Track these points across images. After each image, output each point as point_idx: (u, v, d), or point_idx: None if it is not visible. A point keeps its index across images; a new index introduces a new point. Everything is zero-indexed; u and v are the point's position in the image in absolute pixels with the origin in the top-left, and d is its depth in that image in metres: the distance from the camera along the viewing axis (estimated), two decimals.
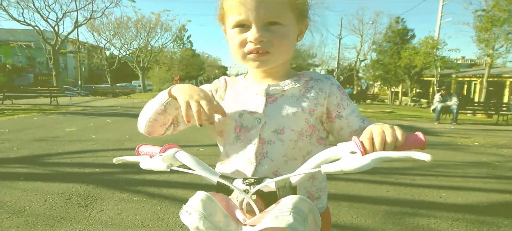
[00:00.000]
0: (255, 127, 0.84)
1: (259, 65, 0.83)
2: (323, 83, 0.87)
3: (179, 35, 45.28)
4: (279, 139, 0.83)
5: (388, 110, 15.90)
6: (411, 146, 0.66)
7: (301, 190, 0.86)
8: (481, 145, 6.52)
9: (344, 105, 0.87)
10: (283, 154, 0.83)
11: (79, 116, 9.29)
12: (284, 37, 0.80)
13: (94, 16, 23.28)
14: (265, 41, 0.78)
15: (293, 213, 0.59)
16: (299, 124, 0.84)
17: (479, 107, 12.77)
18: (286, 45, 0.82)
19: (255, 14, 0.77)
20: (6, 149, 4.62)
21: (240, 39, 0.80)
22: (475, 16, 16.78)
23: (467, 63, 33.82)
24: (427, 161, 0.56)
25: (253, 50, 0.80)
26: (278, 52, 0.81)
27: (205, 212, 0.63)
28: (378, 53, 28.15)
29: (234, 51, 0.83)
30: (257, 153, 0.83)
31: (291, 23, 0.82)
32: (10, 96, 12.82)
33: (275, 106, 0.84)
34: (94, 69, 42.45)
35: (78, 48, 29.70)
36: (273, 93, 0.86)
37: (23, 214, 2.54)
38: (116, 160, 0.84)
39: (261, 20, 0.77)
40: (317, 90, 0.86)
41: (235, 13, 0.79)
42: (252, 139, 0.84)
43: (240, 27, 0.80)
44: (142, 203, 2.82)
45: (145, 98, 20.38)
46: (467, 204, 3.07)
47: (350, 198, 3.12)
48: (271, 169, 0.83)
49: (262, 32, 0.77)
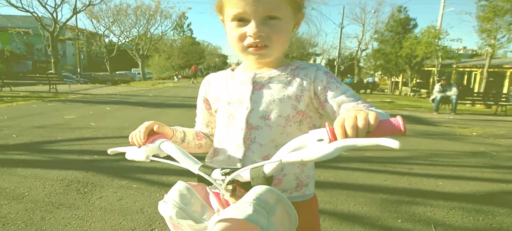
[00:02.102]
0: (242, 113, 0.87)
1: (258, 58, 0.85)
2: (309, 70, 0.89)
3: (179, 22, 44.91)
4: (267, 124, 0.86)
5: (387, 100, 15.90)
6: (386, 132, 0.60)
7: (291, 177, 0.87)
8: (479, 135, 6.53)
9: (331, 88, 0.85)
10: (272, 139, 0.85)
11: (78, 104, 9.28)
12: (282, 31, 0.82)
13: (93, 2, 23.03)
14: (264, 36, 0.80)
15: (255, 203, 0.58)
16: (286, 110, 0.86)
17: (478, 98, 12.76)
18: (284, 39, 0.84)
19: (254, 8, 0.78)
20: (5, 136, 4.63)
21: (239, 32, 0.82)
22: (478, 6, 16.65)
23: (468, 53, 33.66)
24: (395, 148, 0.52)
25: (252, 44, 0.81)
26: (276, 46, 0.83)
27: (181, 202, 0.65)
28: (380, 42, 27.96)
29: (233, 44, 0.85)
30: (245, 138, 0.86)
31: (289, 16, 0.83)
32: (9, 83, 12.78)
33: (261, 93, 0.87)
34: (93, 56, 42.19)
35: (76, 35, 29.46)
36: (259, 81, 0.89)
37: (22, 200, 2.56)
38: (110, 151, 0.88)
39: (260, 15, 0.78)
40: (302, 76, 0.88)
41: (234, 6, 0.80)
42: (240, 125, 0.87)
43: (239, 20, 0.81)
44: (141, 190, 2.84)
45: (144, 86, 20.36)
46: (464, 193, 3.10)
47: (347, 186, 3.14)
48: (261, 154, 0.85)
49: (261, 27, 0.79)
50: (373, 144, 0.54)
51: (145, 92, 14.92)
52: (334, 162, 3.81)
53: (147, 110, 8.33)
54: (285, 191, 0.87)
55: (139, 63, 35.09)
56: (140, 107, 8.86)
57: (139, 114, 7.59)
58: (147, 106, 9.25)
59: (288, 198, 0.66)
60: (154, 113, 7.95)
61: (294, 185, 0.88)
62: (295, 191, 0.89)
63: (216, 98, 0.95)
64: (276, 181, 0.86)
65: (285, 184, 0.87)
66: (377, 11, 33.03)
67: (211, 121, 1.02)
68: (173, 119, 6.83)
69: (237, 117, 0.88)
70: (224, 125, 0.91)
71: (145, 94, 13.87)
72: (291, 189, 0.88)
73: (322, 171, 3.49)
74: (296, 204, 0.69)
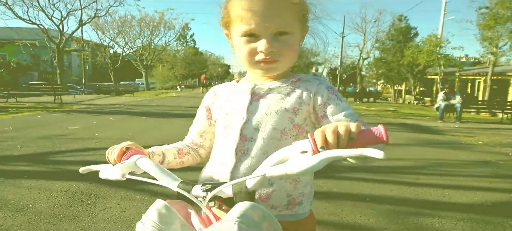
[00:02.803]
0: (238, 123, 0.86)
1: (267, 72, 0.86)
2: (310, 84, 0.88)
3: (183, 33, 45.28)
4: (261, 136, 0.84)
5: (391, 109, 15.84)
6: (369, 141, 0.58)
7: (282, 193, 0.83)
8: (485, 143, 6.47)
9: (331, 104, 0.84)
10: (264, 151, 0.82)
11: (82, 114, 9.32)
12: (292, 46, 0.82)
13: (98, 14, 23.29)
14: (275, 51, 0.80)
15: (239, 221, 0.55)
16: (282, 123, 0.84)
17: (483, 106, 12.67)
18: (294, 53, 0.85)
19: (264, 25, 0.78)
20: (10, 147, 4.64)
21: (249, 48, 0.81)
22: (479, 14, 16.62)
23: (470, 61, 33.57)
24: (380, 158, 0.50)
25: (263, 59, 0.81)
26: (286, 60, 0.84)
27: (160, 222, 0.61)
28: (381, 51, 27.98)
29: (243, 59, 0.84)
30: (237, 149, 0.84)
31: (297, 30, 0.83)
32: (15, 94, 12.89)
33: (258, 104, 0.87)
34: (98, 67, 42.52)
35: (82, 46, 29.77)
36: (258, 92, 0.88)
37: (26, 212, 2.55)
38: (82, 170, 0.83)
39: (270, 31, 0.79)
40: (303, 89, 0.87)
41: (244, 23, 0.79)
42: (234, 135, 0.86)
43: (249, 36, 0.80)
44: (145, 201, 2.83)
45: (148, 96, 20.45)
46: (472, 204, 3.05)
47: (353, 197, 3.10)
48: (252, 167, 0.82)
49: (272, 43, 0.79)
50: (357, 154, 0.53)
51: (148, 102, 14.98)
52: (338, 172, 3.78)
53: (151, 120, 8.34)
54: (274, 208, 0.83)
55: (143, 73, 35.33)
56: (144, 118, 8.88)
57: (143, 124, 7.60)
58: (150, 116, 9.27)
59: (276, 216, 0.63)
60: (158, 123, 7.96)
61: (284, 202, 0.84)
62: (286, 209, 0.84)
63: (219, 108, 0.95)
64: (264, 196, 0.82)
65: (274, 200, 0.83)
66: (378, 20, 33.13)
67: (207, 131, 1.00)
68: (176, 128, 6.82)
69: (232, 127, 0.87)
70: (220, 135, 0.90)
71: (148, 104, 13.92)
72: (281, 206, 0.84)
73: (326, 181, 3.45)
74: (284, 223, 0.66)
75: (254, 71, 0.88)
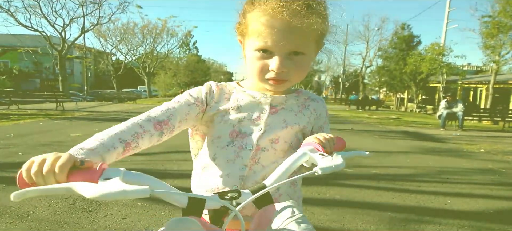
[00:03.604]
0: (254, 133, 0.86)
1: (276, 89, 0.87)
2: (318, 104, 0.96)
3: (185, 41, 45.52)
4: (273, 147, 0.87)
5: (393, 117, 15.81)
6: (340, 146, 0.82)
7: (285, 197, 0.87)
8: (487, 151, 6.44)
9: (324, 129, 0.95)
10: (274, 161, 0.87)
11: (84, 121, 9.35)
12: (304, 67, 0.83)
13: (101, 22, 23.48)
14: (286, 71, 0.80)
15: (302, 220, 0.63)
16: (291, 137, 0.90)
17: (485, 114, 12.64)
18: (304, 73, 0.85)
19: (281, 44, 0.77)
20: (11, 154, 4.66)
21: (262, 64, 0.81)
22: (481, 23, 16.68)
23: (473, 69, 33.56)
24: (367, 156, 0.75)
25: (272, 78, 0.82)
26: (294, 80, 0.85)
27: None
28: (384, 59, 28.07)
29: (253, 73, 0.85)
30: (251, 158, 0.86)
31: (312, 51, 0.84)
32: (17, 101, 12.95)
33: (276, 117, 0.89)
34: (100, 74, 42.74)
35: (84, 53, 29.98)
36: (275, 105, 0.90)
37: (27, 219, 2.55)
38: (14, 197, 0.52)
39: (285, 50, 0.78)
40: (312, 110, 0.94)
41: (261, 39, 0.78)
42: (248, 144, 0.86)
43: (263, 52, 0.80)
44: (146, 208, 2.82)
45: (150, 104, 20.49)
46: (474, 211, 3.03)
47: (354, 205, 3.09)
48: (261, 175, 0.85)
49: (285, 62, 0.79)
50: (355, 155, 0.76)
51: None
52: (340, 179, 3.77)
53: None
54: None
55: (145, 80, 35.48)
56: None
57: None
58: None
59: None
60: None
61: None
62: None
63: (224, 109, 0.89)
64: None
65: None
66: (381, 28, 33.33)
67: (179, 119, 0.85)
68: (179, 136, 6.82)
69: (247, 135, 0.86)
70: (226, 141, 0.87)
71: None
72: None
73: (328, 189, 3.44)
74: None
75: (263, 85, 0.87)
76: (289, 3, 0.75)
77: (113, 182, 0.54)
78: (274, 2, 0.75)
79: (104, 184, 0.54)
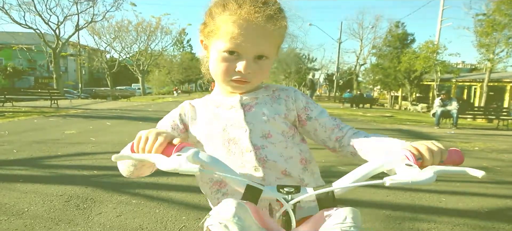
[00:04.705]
0: (243, 135, 0.87)
1: (236, 90, 0.90)
2: (288, 91, 0.96)
3: (179, 38, 45.43)
4: (270, 142, 0.87)
5: (388, 115, 15.90)
6: (454, 160, 0.70)
7: (311, 183, 0.89)
8: (481, 149, 6.50)
9: (311, 107, 0.95)
10: (280, 154, 0.87)
11: (79, 119, 9.29)
12: (267, 69, 0.87)
13: (95, 19, 23.34)
14: (251, 73, 0.83)
15: (354, 225, 0.60)
16: (280, 126, 0.90)
17: (479, 112, 12.76)
18: (266, 75, 0.89)
19: (250, 48, 0.81)
20: (6, 151, 4.61)
21: (227, 65, 0.83)
22: (476, 21, 16.80)
23: (467, 68, 33.84)
24: (481, 178, 0.62)
25: (237, 79, 0.84)
26: (256, 82, 0.89)
27: (243, 224, 0.55)
28: (378, 57, 28.19)
29: (218, 74, 0.86)
30: (257, 158, 0.85)
31: (274, 53, 0.89)
32: (11, 99, 12.82)
33: (253, 114, 0.89)
34: (94, 72, 42.46)
35: (78, 51, 29.74)
36: (247, 103, 0.91)
37: (22, 216, 2.53)
38: (113, 158, 0.71)
39: (253, 53, 0.82)
40: (285, 97, 0.94)
41: (232, 41, 0.80)
42: (245, 147, 0.86)
43: (229, 54, 0.82)
44: (141, 206, 2.81)
45: (144, 101, 20.41)
46: (468, 209, 3.06)
47: (349, 203, 3.09)
48: (279, 170, 0.86)
49: (251, 64, 0.82)
50: (461, 172, 0.64)
51: (145, 107, 14.95)
52: (335, 177, 3.77)
53: (147, 125, 8.27)
54: None
55: (139, 78, 35.30)
56: (141, 122, 8.86)
57: (140, 129, 7.54)
58: (147, 121, 9.25)
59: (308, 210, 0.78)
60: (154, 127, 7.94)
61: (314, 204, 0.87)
62: None
63: (205, 125, 0.91)
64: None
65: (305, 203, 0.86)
66: (375, 26, 33.44)
67: None
68: None
69: (239, 140, 0.87)
70: (224, 150, 0.87)
71: (145, 109, 13.89)
72: (311, 207, 0.87)
73: None
74: None
75: (223, 86, 0.91)
76: (264, 8, 0.78)
77: (175, 158, 0.63)
78: (248, 6, 0.78)
79: (169, 158, 0.64)
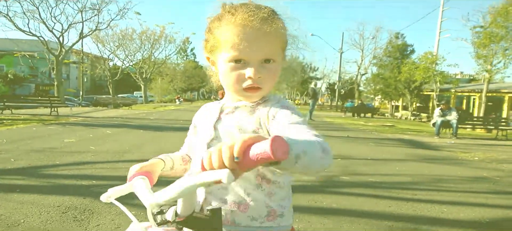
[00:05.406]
0: (205, 139, 0.90)
1: (251, 98, 0.88)
2: (268, 103, 0.87)
3: (183, 47, 45.59)
4: None
5: (389, 124, 15.89)
6: (258, 161, 0.51)
7: (259, 203, 0.83)
8: (481, 159, 6.48)
9: (278, 116, 0.82)
10: None
11: (78, 127, 9.26)
12: (275, 73, 0.86)
13: (100, 28, 23.34)
14: (261, 78, 0.83)
15: None
16: None
17: (478, 122, 12.76)
18: (276, 79, 0.88)
19: (254, 53, 0.81)
20: (3, 160, 4.58)
21: (237, 74, 0.83)
22: (473, 33, 16.97)
23: (465, 78, 33.97)
24: (226, 183, 0.49)
25: (250, 86, 0.83)
26: (268, 86, 0.87)
27: None
28: (379, 67, 28.36)
29: (230, 85, 0.86)
30: None
31: (281, 57, 0.88)
32: (10, 106, 12.80)
33: (224, 122, 0.90)
34: (96, 79, 42.57)
35: (81, 58, 29.81)
36: (225, 110, 0.92)
37: (18, 228, 2.50)
38: (104, 199, 0.91)
39: (258, 58, 0.82)
40: (262, 109, 0.86)
41: (234, 49, 0.81)
42: (202, 152, 0.89)
43: (236, 62, 0.82)
44: (139, 217, 2.74)
45: (146, 109, 20.41)
46: (469, 220, 3.03)
47: (351, 213, 3.07)
48: None
49: (259, 69, 0.82)
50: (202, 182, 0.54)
51: (146, 116, 14.94)
52: (337, 188, 3.76)
53: (148, 134, 8.30)
54: (254, 219, 0.83)
55: (141, 86, 35.34)
56: (141, 131, 8.83)
57: (140, 138, 7.55)
58: (148, 129, 9.23)
59: (259, 228, 0.69)
60: (155, 137, 7.92)
61: (264, 213, 0.84)
62: (267, 221, 0.84)
63: (198, 125, 1.02)
64: (243, 208, 0.83)
65: (252, 211, 0.83)
66: (375, 37, 33.76)
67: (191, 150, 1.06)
68: (173, 142, 6.78)
69: (201, 143, 0.91)
70: (194, 151, 0.97)
71: (146, 117, 13.88)
72: (261, 217, 0.84)
73: (324, 197, 3.43)
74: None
75: (235, 97, 0.90)
76: (256, 11, 0.79)
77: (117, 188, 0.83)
78: (242, 13, 0.80)
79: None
